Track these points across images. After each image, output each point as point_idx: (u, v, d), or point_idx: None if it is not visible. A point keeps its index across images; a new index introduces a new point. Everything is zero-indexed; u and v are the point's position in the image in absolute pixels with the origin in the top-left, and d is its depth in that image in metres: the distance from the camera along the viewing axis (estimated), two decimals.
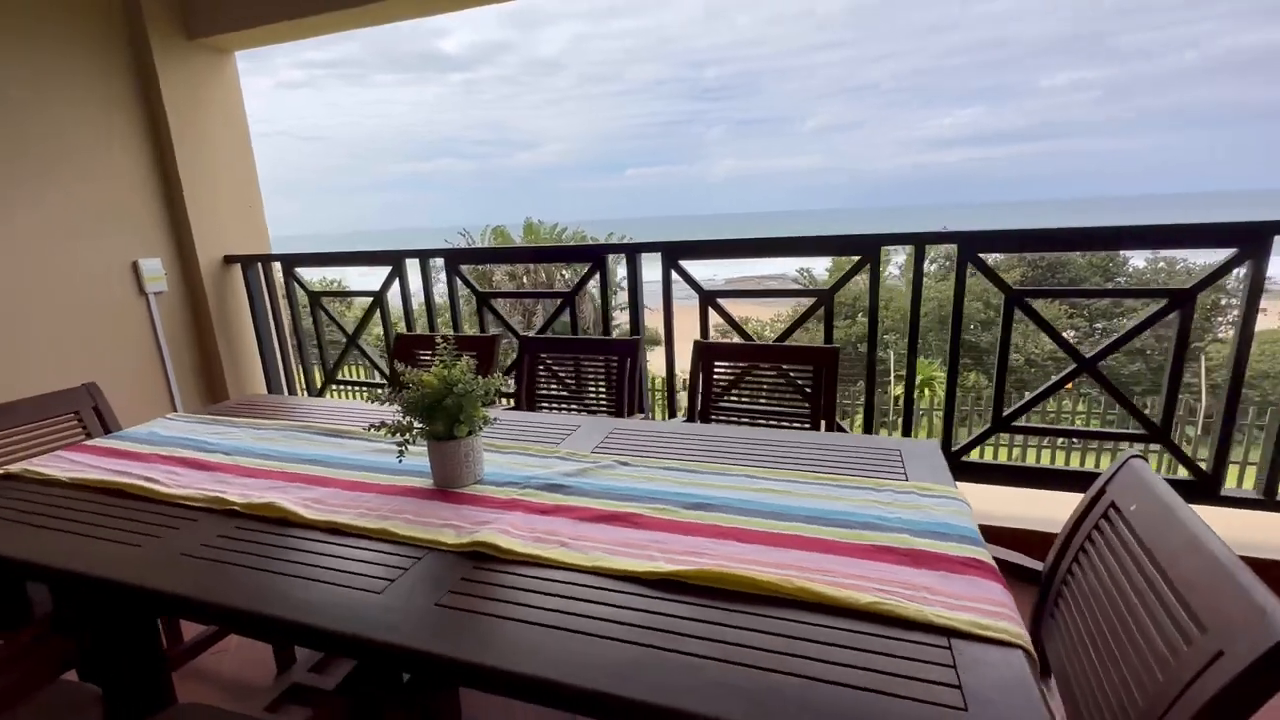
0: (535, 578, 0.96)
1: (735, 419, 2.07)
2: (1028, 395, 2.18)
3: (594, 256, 2.64)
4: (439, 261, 2.92)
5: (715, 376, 2.11)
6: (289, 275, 3.23)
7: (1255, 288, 1.82)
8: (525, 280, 12.43)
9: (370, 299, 3.03)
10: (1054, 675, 0.99)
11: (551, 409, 2.27)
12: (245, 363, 3.42)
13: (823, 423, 1.91)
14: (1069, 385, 2.26)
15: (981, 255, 2.09)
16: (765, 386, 2.07)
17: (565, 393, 2.28)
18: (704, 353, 2.13)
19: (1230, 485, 2.02)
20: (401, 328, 2.80)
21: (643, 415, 2.19)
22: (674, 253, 2.48)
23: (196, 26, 2.99)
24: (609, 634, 0.82)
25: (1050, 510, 2.08)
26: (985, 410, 7.15)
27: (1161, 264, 15.01)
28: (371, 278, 3.02)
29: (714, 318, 2.51)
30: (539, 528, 1.09)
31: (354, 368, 7.12)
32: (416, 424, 1.26)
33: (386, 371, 3.08)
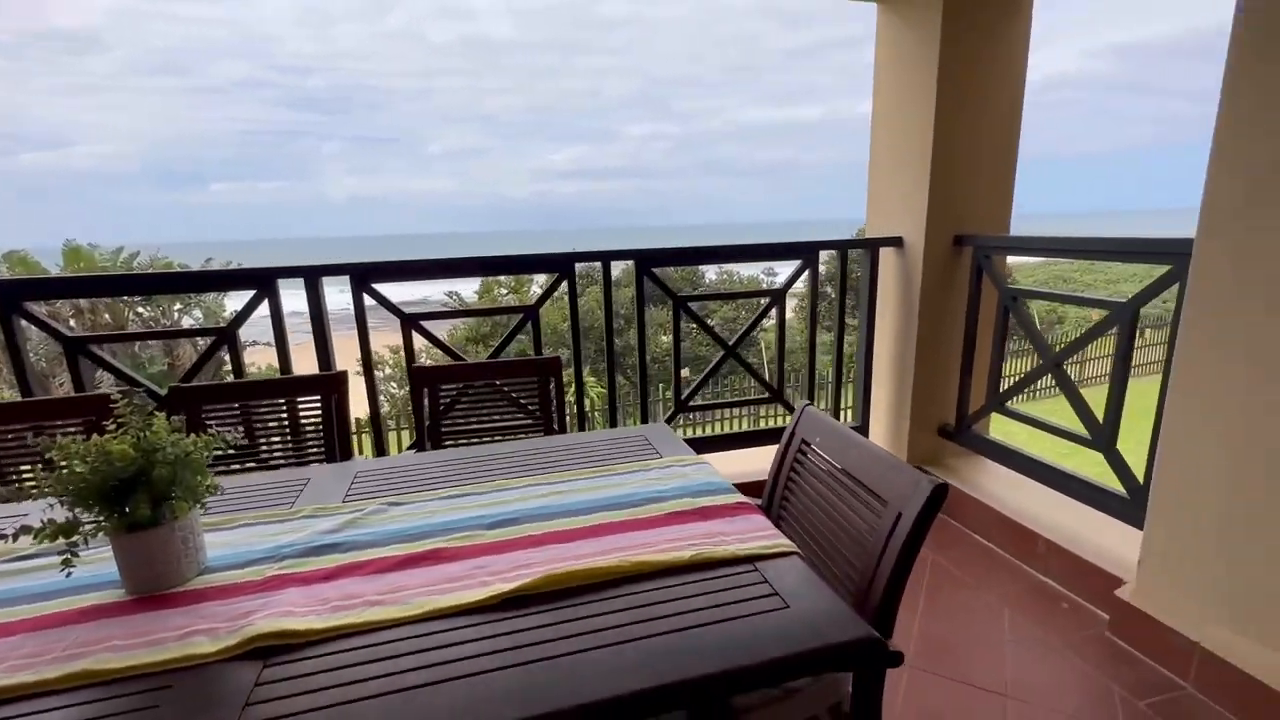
0: (354, 649, 0.82)
1: (467, 439, 2.03)
2: (695, 382, 2.72)
3: (262, 280, 2.20)
4: None
5: (440, 398, 2.02)
6: None
7: (814, 287, 2.68)
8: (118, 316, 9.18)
9: None
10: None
11: (229, 470, 1.81)
12: None
13: (555, 426, 2.03)
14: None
15: (653, 269, 2.52)
16: (491, 402, 2.08)
17: (242, 462, 1.84)
18: (423, 377, 2.02)
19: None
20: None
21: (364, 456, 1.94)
22: (366, 275, 2.26)
23: None
24: (467, 671, 0.77)
25: (748, 465, 2.61)
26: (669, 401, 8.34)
27: (724, 274, 19.82)
28: None
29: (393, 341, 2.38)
30: (331, 596, 0.92)
31: None
32: (87, 517, 0.90)
33: None
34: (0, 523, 1.13)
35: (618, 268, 2.88)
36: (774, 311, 2.75)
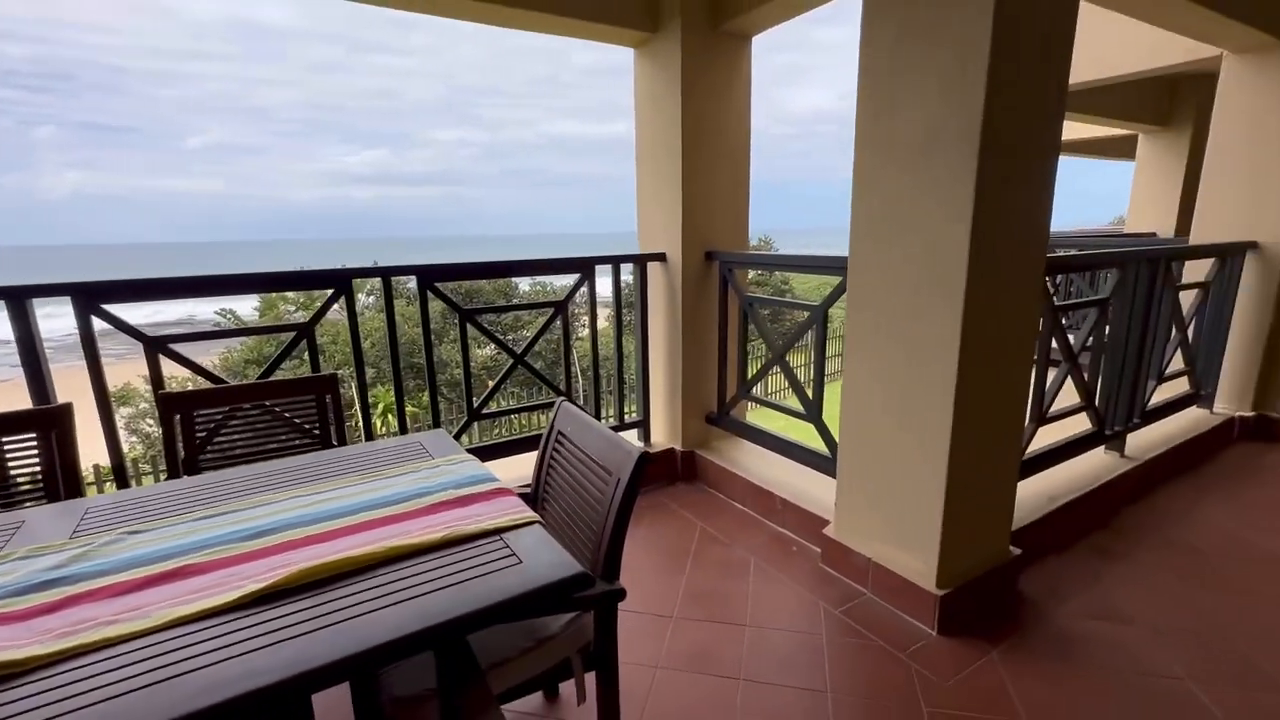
0: (86, 666, 0.83)
1: (234, 463, 1.93)
2: (490, 389, 2.85)
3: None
4: None
5: (197, 426, 1.90)
6: None
7: (592, 299, 2.97)
8: None
9: None
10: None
11: None
12: None
13: (335, 443, 2.03)
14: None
15: (437, 284, 2.61)
16: (265, 426, 2.00)
17: None
18: (174, 404, 1.88)
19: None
20: None
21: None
22: (94, 296, 2.02)
23: None
24: (212, 662, 0.84)
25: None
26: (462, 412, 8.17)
27: (538, 285, 20.05)
28: None
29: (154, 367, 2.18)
30: (55, 626, 0.91)
31: None
32: None
33: None
34: None
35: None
36: (575, 321, 2.98)
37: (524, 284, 20.59)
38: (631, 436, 3.33)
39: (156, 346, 2.15)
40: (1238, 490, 3.05)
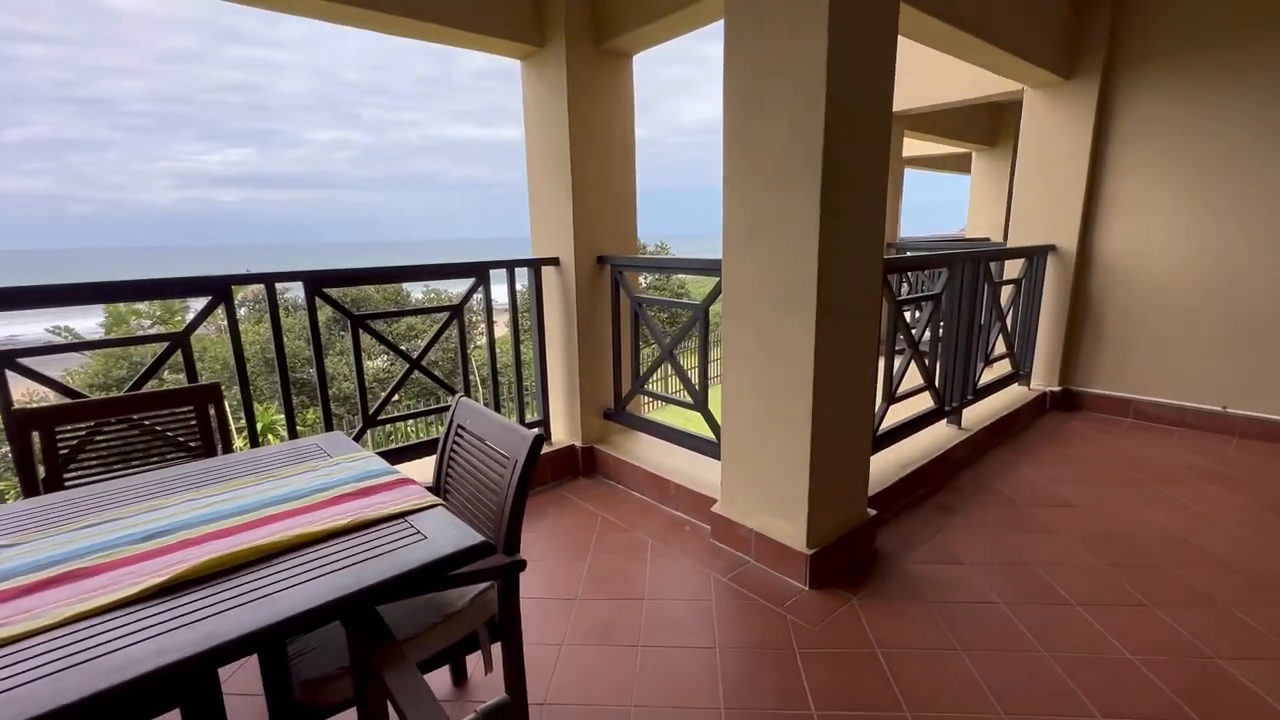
0: (34, 650, 0.84)
1: (107, 478, 1.82)
2: (383, 396, 2.84)
3: None
4: None
5: (58, 443, 1.78)
6: None
7: (488, 303, 3.05)
8: None
9: None
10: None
11: None
12: None
13: (220, 452, 1.97)
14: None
15: (326, 290, 2.57)
16: (137, 443, 1.91)
17: None
18: (29, 422, 1.76)
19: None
20: None
21: None
22: None
23: None
24: (115, 649, 0.87)
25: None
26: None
27: (432, 293, 19.41)
28: None
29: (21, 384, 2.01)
30: None
31: None
32: None
33: None
34: None
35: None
36: (471, 328, 3.03)
37: (416, 291, 19.84)
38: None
39: (5, 360, 1.98)
40: (1046, 451, 3.67)
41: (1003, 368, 4.26)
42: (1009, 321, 4.12)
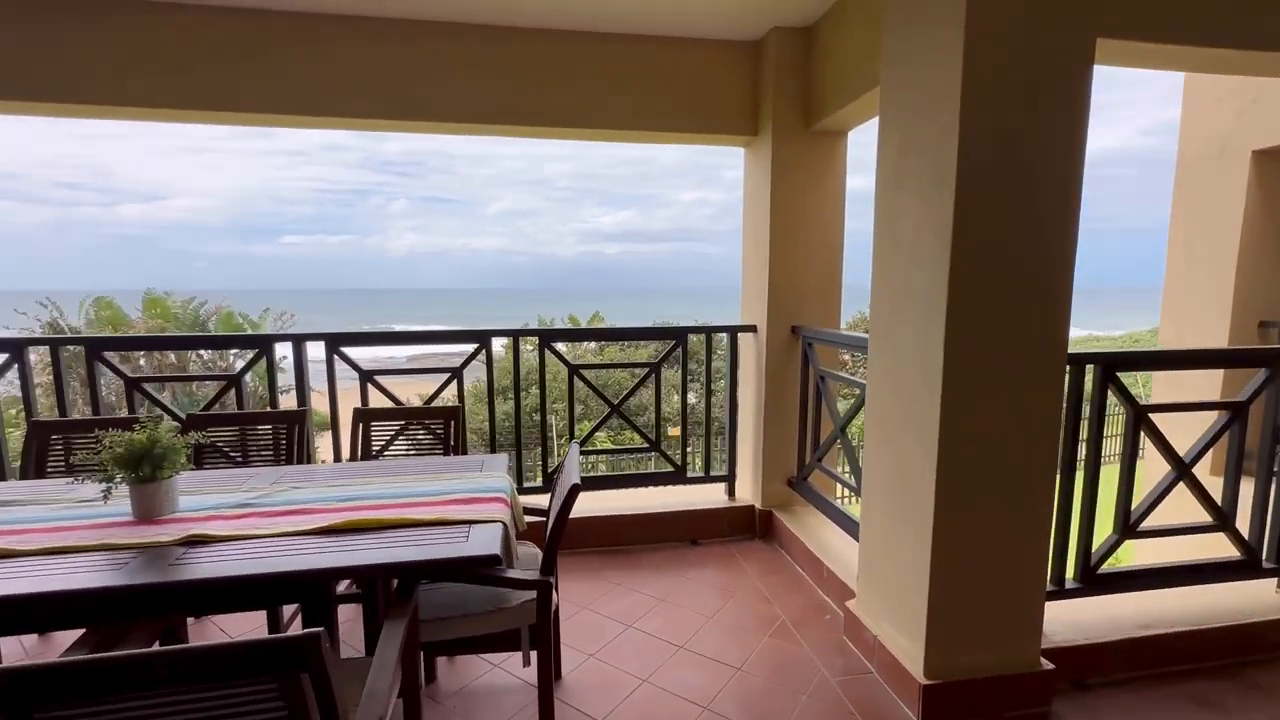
0: (249, 544, 1.59)
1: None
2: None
3: (261, 344, 3.11)
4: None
5: (373, 435, 2.84)
6: None
7: (684, 362, 3.44)
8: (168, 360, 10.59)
9: None
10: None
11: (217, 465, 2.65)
12: None
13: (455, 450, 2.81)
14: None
15: (554, 344, 3.34)
16: (414, 439, 2.88)
17: (230, 465, 2.69)
18: (362, 417, 2.85)
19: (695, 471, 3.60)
20: None
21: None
22: (337, 341, 3.15)
23: None
24: (292, 552, 1.53)
25: (637, 500, 3.34)
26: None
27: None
28: None
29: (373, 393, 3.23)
30: (236, 525, 1.71)
31: None
32: (119, 474, 1.72)
33: None
34: (66, 488, 1.97)
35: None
36: (652, 379, 3.51)
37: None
38: (718, 489, 3.65)
39: (366, 377, 3.21)
40: None
41: None
42: None
